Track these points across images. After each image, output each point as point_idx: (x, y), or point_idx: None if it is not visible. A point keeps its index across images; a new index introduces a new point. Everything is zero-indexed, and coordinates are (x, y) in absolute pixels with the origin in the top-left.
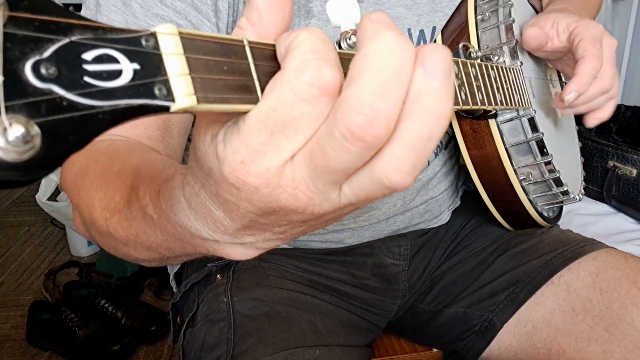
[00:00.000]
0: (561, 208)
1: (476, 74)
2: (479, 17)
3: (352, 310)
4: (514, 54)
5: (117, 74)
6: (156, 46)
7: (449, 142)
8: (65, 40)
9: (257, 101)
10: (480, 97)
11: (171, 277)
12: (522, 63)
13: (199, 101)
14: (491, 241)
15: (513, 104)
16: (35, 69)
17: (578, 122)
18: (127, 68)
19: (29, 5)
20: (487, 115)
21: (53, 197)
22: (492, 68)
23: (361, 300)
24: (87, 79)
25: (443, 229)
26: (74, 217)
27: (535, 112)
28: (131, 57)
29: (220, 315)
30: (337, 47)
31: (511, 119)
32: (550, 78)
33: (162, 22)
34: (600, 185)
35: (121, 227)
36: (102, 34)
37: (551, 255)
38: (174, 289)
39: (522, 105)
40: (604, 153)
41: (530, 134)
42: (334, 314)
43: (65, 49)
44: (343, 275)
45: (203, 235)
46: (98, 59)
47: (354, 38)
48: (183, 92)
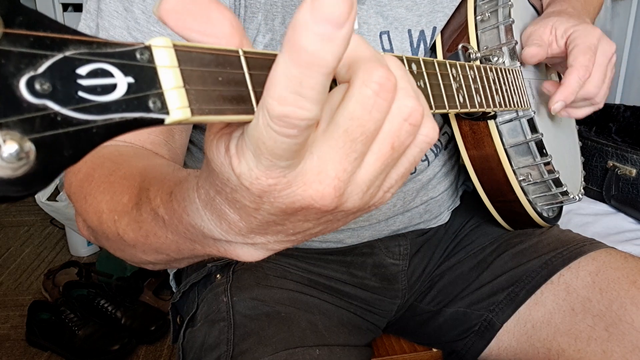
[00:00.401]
0: (561, 208)
1: (474, 76)
2: (478, 17)
3: (352, 310)
4: (513, 55)
5: (111, 88)
6: (151, 59)
7: (448, 143)
8: (60, 56)
9: (252, 111)
10: (479, 100)
11: (171, 277)
12: (521, 64)
13: (193, 113)
14: (491, 241)
15: (512, 105)
16: (30, 85)
17: (578, 122)
18: (122, 82)
19: (24, 21)
20: (486, 116)
21: (52, 197)
22: (490, 70)
23: (361, 300)
24: (81, 93)
25: (443, 229)
26: (78, 222)
27: (534, 112)
28: (125, 71)
29: (220, 315)
30: None
31: (510, 120)
32: (551, 78)
33: (163, 28)
34: (599, 185)
35: (131, 229)
36: (97, 48)
37: (551, 255)
38: (173, 289)
39: (521, 106)
40: (603, 153)
41: (529, 135)
42: (333, 313)
43: (60, 64)
44: (343, 275)
45: (216, 236)
46: (92, 74)
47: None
48: (177, 105)
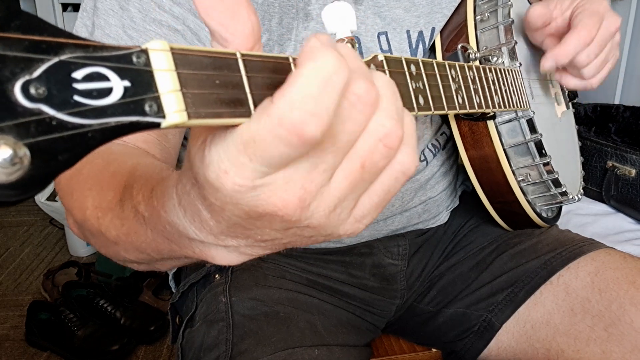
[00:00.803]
0: (560, 208)
1: (474, 77)
2: (478, 17)
3: (351, 310)
4: (512, 55)
5: (107, 91)
6: (147, 63)
7: (447, 143)
8: (55, 60)
9: (249, 114)
10: (478, 100)
11: (170, 277)
12: (520, 64)
13: (189, 117)
14: (490, 241)
15: (511, 105)
16: (25, 89)
17: (578, 122)
18: (118, 86)
19: (19, 24)
20: (485, 117)
21: (52, 197)
22: (490, 70)
23: (360, 300)
24: (77, 97)
25: (442, 229)
26: (67, 218)
27: (533, 113)
28: (122, 75)
29: (219, 315)
30: None
31: (510, 120)
32: (550, 78)
33: (160, 27)
34: (599, 185)
35: (113, 225)
36: (93, 51)
37: (550, 255)
38: (172, 289)
39: (520, 106)
40: (602, 153)
41: (528, 135)
42: (332, 313)
43: (55, 68)
44: (342, 275)
45: (190, 235)
46: (88, 78)
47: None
48: (174, 109)
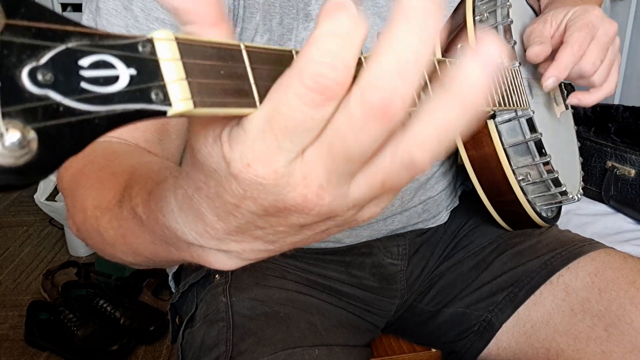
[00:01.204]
0: (560, 208)
1: None
2: (477, 17)
3: (350, 310)
4: (512, 55)
5: (113, 79)
6: (153, 52)
7: None
8: (62, 47)
9: (255, 105)
10: None
11: (170, 277)
12: (520, 64)
13: (195, 105)
14: (490, 241)
15: (511, 104)
16: (32, 75)
17: (577, 123)
18: (124, 73)
19: (26, 12)
20: (485, 116)
21: (51, 197)
22: None
23: (360, 300)
24: (83, 84)
25: (441, 229)
26: (68, 218)
27: (533, 112)
28: (128, 63)
29: (219, 315)
30: None
31: (509, 120)
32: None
33: (163, 25)
34: (598, 185)
35: (111, 226)
36: (99, 40)
37: (550, 255)
38: (172, 289)
39: (520, 105)
40: (602, 153)
41: (528, 134)
42: (332, 313)
43: (62, 55)
44: (342, 275)
45: (189, 240)
46: (95, 65)
47: None
48: (180, 97)
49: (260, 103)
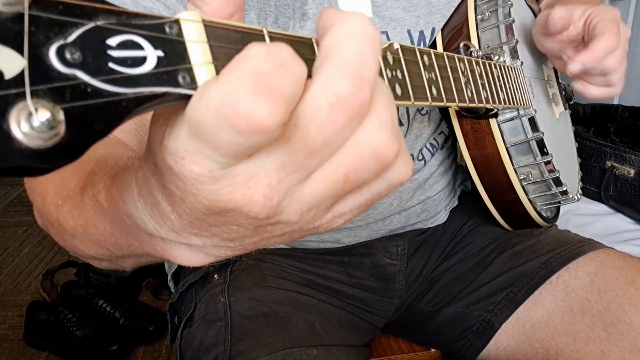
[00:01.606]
0: (559, 208)
1: (481, 72)
2: (478, 17)
3: (349, 310)
4: (514, 54)
5: (141, 60)
6: (180, 33)
7: (445, 142)
8: (90, 25)
9: None
10: (485, 95)
11: (169, 277)
12: (522, 62)
13: None
14: (489, 241)
15: (515, 103)
16: (60, 53)
17: (577, 123)
18: (151, 55)
19: None
20: (488, 115)
21: None
22: (495, 67)
23: (359, 300)
24: (111, 65)
25: (441, 229)
26: (33, 206)
27: (535, 111)
28: (155, 44)
29: (217, 315)
30: None
31: (512, 119)
32: (548, 78)
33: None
34: (598, 185)
35: (71, 216)
36: (126, 19)
37: (549, 255)
38: (171, 289)
39: (523, 104)
40: (601, 153)
41: (530, 134)
42: (331, 314)
43: (90, 33)
44: (340, 275)
45: (150, 230)
46: (122, 45)
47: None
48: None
49: None
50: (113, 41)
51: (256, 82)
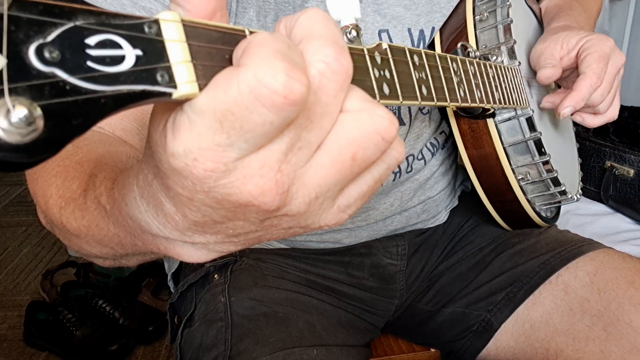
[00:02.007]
0: (559, 208)
1: (475, 71)
2: (477, 17)
3: (350, 310)
4: (511, 54)
5: (120, 59)
6: (159, 33)
7: (445, 142)
8: (69, 25)
9: None
10: (479, 95)
11: (169, 277)
12: (520, 63)
13: (200, 88)
14: (489, 241)
15: (511, 102)
16: (39, 52)
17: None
18: (130, 54)
19: None
20: (485, 115)
21: None
22: (490, 67)
23: (359, 300)
24: (90, 63)
25: (441, 229)
26: (37, 209)
27: (533, 111)
28: (134, 43)
29: (217, 315)
30: None
31: (509, 119)
32: (550, 87)
33: (149, 14)
34: (597, 185)
35: (74, 217)
36: (106, 19)
37: (549, 255)
38: (171, 289)
39: (520, 104)
40: (601, 153)
41: (528, 134)
42: (331, 314)
43: (69, 33)
44: (341, 275)
45: (153, 231)
46: (101, 44)
47: (354, 32)
48: (185, 79)
49: None
50: (92, 40)
51: (284, 58)
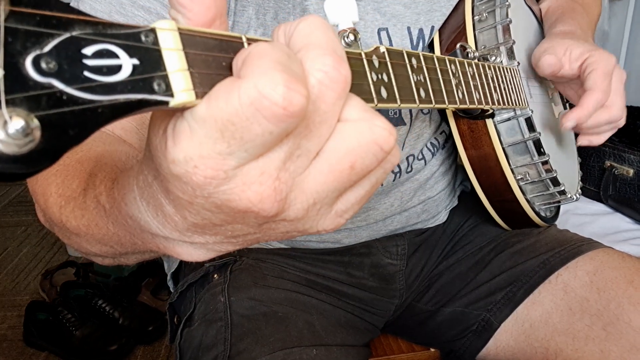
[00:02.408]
0: (558, 208)
1: (473, 73)
2: (476, 17)
3: (349, 310)
4: (510, 54)
5: (116, 69)
6: (155, 42)
7: (446, 142)
8: (66, 35)
9: None
10: (478, 96)
11: (168, 277)
12: (519, 63)
13: (197, 96)
14: (488, 241)
15: (510, 103)
16: (36, 63)
17: None
18: (127, 63)
19: (30, 0)
20: (484, 115)
21: None
22: (489, 68)
23: (359, 300)
24: (87, 73)
25: (440, 229)
26: (36, 205)
27: (532, 112)
28: (131, 53)
29: (217, 315)
30: None
31: (508, 119)
32: (548, 87)
33: (148, 14)
34: (597, 185)
35: (73, 216)
36: (102, 29)
37: (548, 254)
38: (171, 289)
39: (519, 105)
40: (600, 153)
41: (527, 134)
42: (331, 313)
43: (66, 43)
44: (340, 275)
45: (152, 230)
46: (98, 54)
47: (352, 36)
48: (182, 88)
49: None
50: (89, 50)
51: (283, 70)
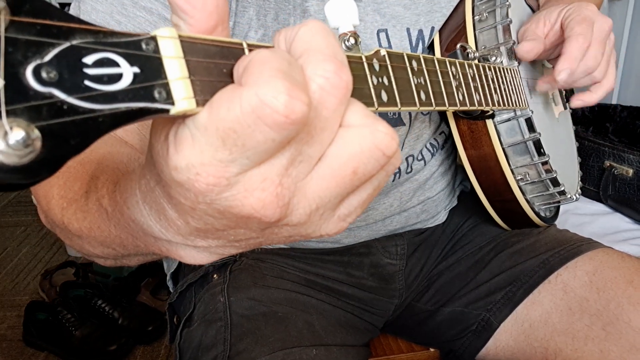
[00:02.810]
0: (558, 208)
1: (473, 74)
2: (476, 17)
3: (349, 310)
4: (511, 55)
5: (117, 77)
6: (156, 49)
7: (445, 142)
8: (66, 44)
9: None
10: (478, 98)
11: (168, 277)
12: (519, 63)
13: (198, 104)
14: (488, 241)
15: (510, 104)
16: (36, 73)
17: (575, 123)
18: (128, 71)
19: (31, 9)
20: (484, 116)
21: None
22: (489, 69)
23: (358, 300)
24: (87, 82)
25: (440, 229)
26: (38, 207)
27: (532, 112)
28: (131, 61)
29: (217, 315)
30: None
31: (508, 119)
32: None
33: (150, 15)
34: (596, 185)
35: (75, 218)
36: (103, 37)
37: (548, 254)
38: (170, 289)
39: (519, 105)
40: (600, 153)
41: (527, 134)
42: (331, 313)
43: (66, 53)
44: (340, 275)
45: (155, 234)
46: (99, 63)
47: (352, 40)
48: (183, 95)
49: None
50: (89, 59)
51: (285, 77)
